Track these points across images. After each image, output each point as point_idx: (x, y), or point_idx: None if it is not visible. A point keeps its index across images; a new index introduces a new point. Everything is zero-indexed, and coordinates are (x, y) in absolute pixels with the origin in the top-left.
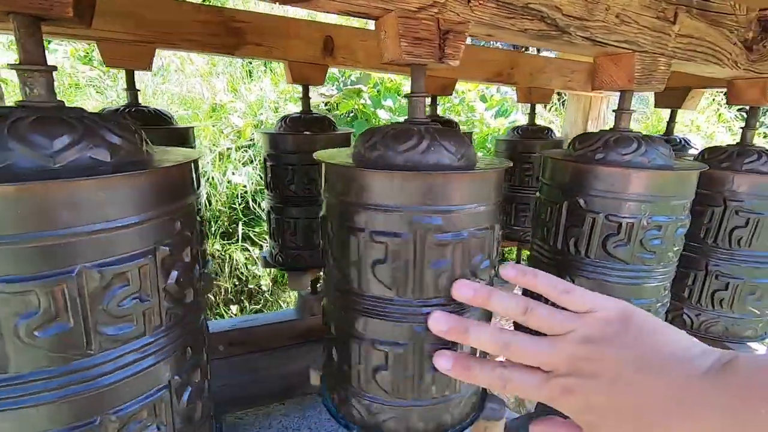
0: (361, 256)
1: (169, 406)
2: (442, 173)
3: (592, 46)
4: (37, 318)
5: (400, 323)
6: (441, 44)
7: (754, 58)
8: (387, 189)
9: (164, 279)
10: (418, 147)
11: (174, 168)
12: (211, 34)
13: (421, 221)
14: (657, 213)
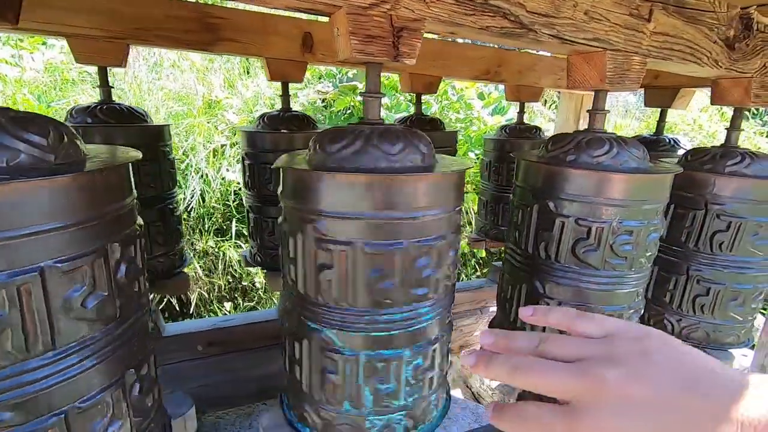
0: (308, 262)
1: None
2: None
3: (560, 44)
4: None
5: (348, 331)
6: (395, 42)
7: (736, 57)
8: (331, 194)
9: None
10: (353, 146)
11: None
12: (186, 30)
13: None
14: (628, 218)
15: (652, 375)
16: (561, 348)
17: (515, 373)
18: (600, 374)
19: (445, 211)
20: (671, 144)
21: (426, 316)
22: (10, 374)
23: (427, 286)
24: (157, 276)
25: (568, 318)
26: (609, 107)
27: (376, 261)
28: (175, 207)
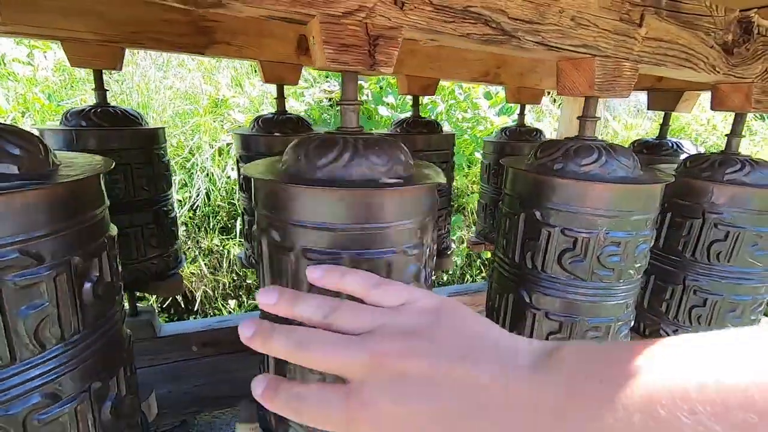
0: (288, 274)
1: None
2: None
3: (546, 51)
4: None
5: None
6: (371, 51)
7: (735, 62)
8: (305, 204)
9: (78, 289)
10: (340, 160)
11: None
12: (180, 33)
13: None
14: (615, 228)
15: (432, 347)
16: (352, 318)
17: (298, 350)
18: (380, 347)
19: (411, 223)
20: (674, 148)
21: None
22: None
23: None
24: (151, 277)
25: (365, 285)
26: (620, 107)
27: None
28: (170, 209)
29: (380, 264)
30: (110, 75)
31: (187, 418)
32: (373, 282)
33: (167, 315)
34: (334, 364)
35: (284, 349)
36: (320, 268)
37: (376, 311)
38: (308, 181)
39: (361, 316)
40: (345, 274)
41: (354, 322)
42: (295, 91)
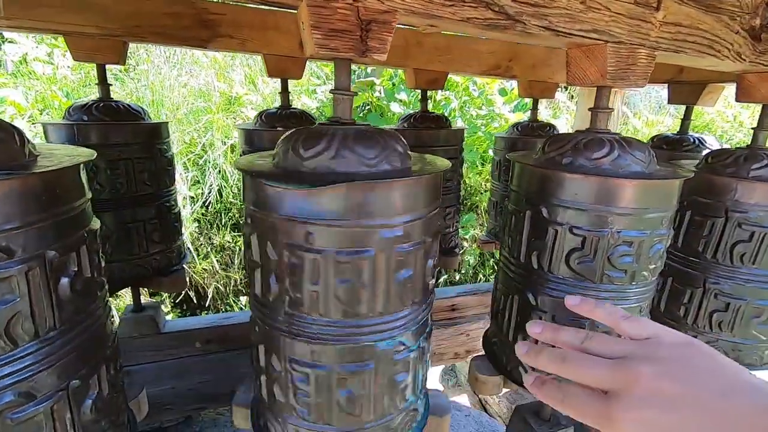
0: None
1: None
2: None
3: (554, 36)
4: None
5: (318, 343)
6: (363, 36)
7: (762, 49)
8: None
9: (54, 284)
10: (329, 150)
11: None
12: (183, 27)
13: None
14: (628, 227)
15: (687, 375)
16: (604, 345)
17: (563, 364)
18: (637, 369)
19: (416, 217)
20: (696, 144)
21: (398, 328)
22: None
23: (396, 295)
24: (153, 273)
25: (614, 316)
26: (641, 102)
27: (346, 270)
28: (173, 205)
29: (369, 260)
30: (126, 72)
31: (191, 414)
32: (621, 315)
33: (180, 310)
34: (592, 377)
35: (551, 363)
36: (578, 298)
37: (626, 342)
38: (286, 176)
39: (613, 344)
40: (597, 305)
41: (607, 349)
42: (308, 88)
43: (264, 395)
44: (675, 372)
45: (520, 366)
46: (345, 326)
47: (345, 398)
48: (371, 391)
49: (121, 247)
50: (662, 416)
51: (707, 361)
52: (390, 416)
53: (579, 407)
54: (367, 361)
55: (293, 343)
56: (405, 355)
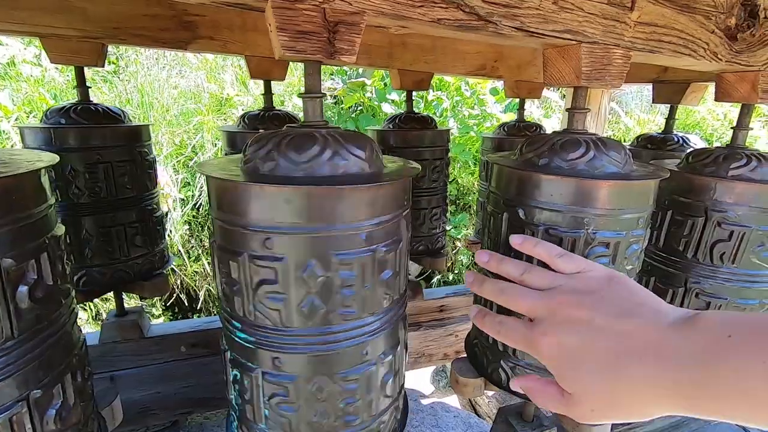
0: (244, 281)
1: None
2: (326, 188)
3: (527, 37)
4: None
5: (286, 353)
6: (330, 38)
7: (739, 49)
8: (261, 206)
9: (11, 292)
10: (322, 156)
11: None
12: (162, 28)
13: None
14: (603, 228)
15: (597, 303)
16: (539, 278)
17: (501, 294)
18: (558, 298)
19: (384, 221)
20: (681, 143)
21: (370, 335)
22: None
23: (362, 302)
24: (135, 277)
25: (551, 254)
26: (632, 102)
27: (306, 277)
28: (155, 208)
29: (329, 268)
30: (116, 74)
31: (178, 419)
32: (557, 252)
33: (171, 314)
34: (523, 307)
35: (491, 293)
36: (520, 237)
37: (557, 275)
38: (255, 178)
39: (546, 277)
40: (538, 244)
41: (540, 281)
42: (299, 89)
43: (234, 404)
44: (588, 300)
45: (500, 368)
46: (308, 335)
47: (312, 407)
48: (337, 400)
49: (102, 251)
50: (571, 339)
51: (620, 291)
52: (362, 426)
53: (510, 334)
54: (332, 370)
55: (257, 351)
56: (370, 366)
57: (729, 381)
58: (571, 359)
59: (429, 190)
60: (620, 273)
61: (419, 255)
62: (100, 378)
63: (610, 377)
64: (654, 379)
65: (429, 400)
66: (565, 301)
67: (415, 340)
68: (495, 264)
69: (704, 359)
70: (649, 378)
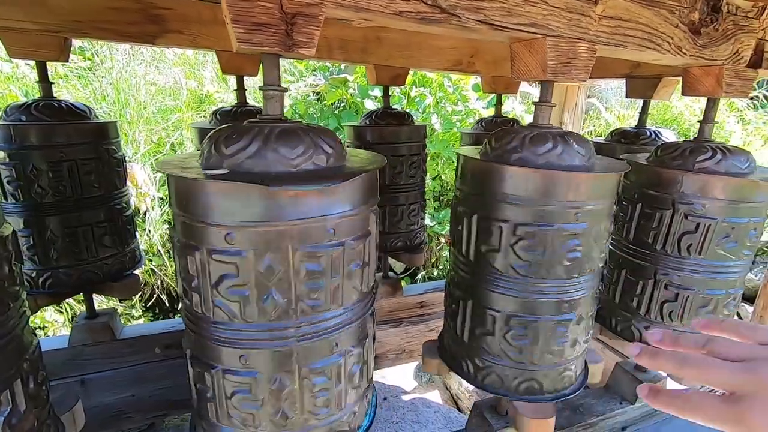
0: (202, 277)
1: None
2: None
3: (492, 30)
4: None
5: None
6: (288, 30)
7: (703, 43)
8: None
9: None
10: (249, 149)
11: None
12: (128, 22)
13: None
14: (566, 221)
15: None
16: (728, 348)
17: (684, 365)
18: (766, 371)
19: (347, 215)
20: (653, 137)
21: (334, 329)
22: None
23: (327, 295)
24: (104, 278)
25: (741, 328)
26: (612, 98)
27: (267, 272)
28: (125, 207)
29: (292, 261)
30: (91, 71)
31: (154, 421)
32: (748, 326)
33: (152, 315)
34: (719, 379)
35: (672, 364)
36: (703, 320)
37: (753, 346)
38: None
39: (737, 346)
40: (722, 323)
41: (732, 351)
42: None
43: (197, 403)
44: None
45: (467, 360)
46: (271, 329)
47: (276, 405)
48: (303, 397)
49: (69, 252)
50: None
51: None
52: (325, 422)
53: (705, 411)
54: (296, 365)
55: (217, 348)
56: (336, 359)
57: None
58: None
59: (407, 186)
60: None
61: (397, 251)
62: (71, 382)
63: None
64: None
65: (410, 396)
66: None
67: (396, 336)
68: (670, 342)
69: None
70: None
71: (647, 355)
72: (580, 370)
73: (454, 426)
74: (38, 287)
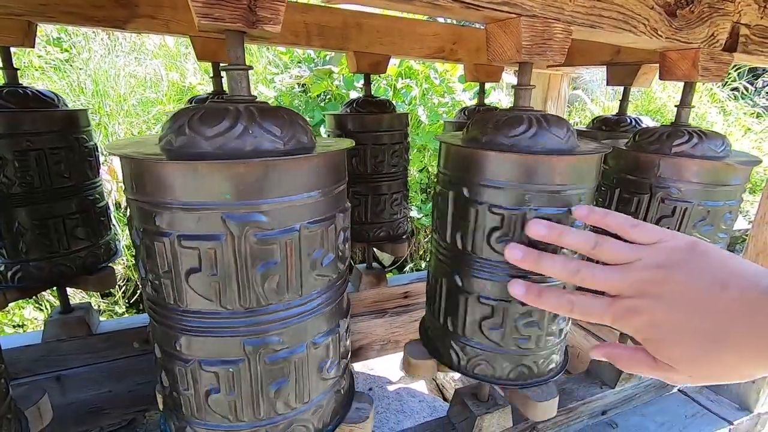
0: (173, 266)
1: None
2: (259, 161)
3: (464, 9)
4: None
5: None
6: (251, 5)
7: (678, 26)
8: (191, 183)
9: None
10: (232, 131)
11: None
12: (96, 5)
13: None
14: (545, 204)
15: (689, 275)
16: (614, 252)
17: (575, 276)
18: (645, 273)
19: (331, 191)
20: (633, 124)
21: (305, 314)
22: None
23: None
24: (78, 271)
25: (624, 226)
26: (597, 89)
27: (264, 253)
28: (98, 198)
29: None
30: (68, 63)
31: (135, 417)
32: (631, 222)
33: (136, 310)
34: (605, 284)
35: (562, 273)
36: (585, 207)
37: (635, 246)
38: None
39: (622, 250)
40: (608, 214)
41: (616, 255)
42: (265, 77)
43: (168, 398)
44: (679, 274)
45: (451, 349)
46: (239, 317)
47: (213, 396)
48: (241, 392)
49: (39, 244)
50: (668, 315)
51: (709, 260)
52: (266, 422)
53: (589, 312)
54: (234, 357)
55: (181, 337)
56: (283, 355)
57: None
58: (670, 334)
59: (389, 175)
60: (701, 240)
61: (381, 241)
62: (46, 379)
63: (716, 349)
64: (765, 345)
65: (396, 386)
66: (653, 276)
67: (381, 327)
68: (556, 236)
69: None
70: (759, 345)
71: (531, 260)
72: (563, 355)
73: (439, 415)
74: (7, 281)
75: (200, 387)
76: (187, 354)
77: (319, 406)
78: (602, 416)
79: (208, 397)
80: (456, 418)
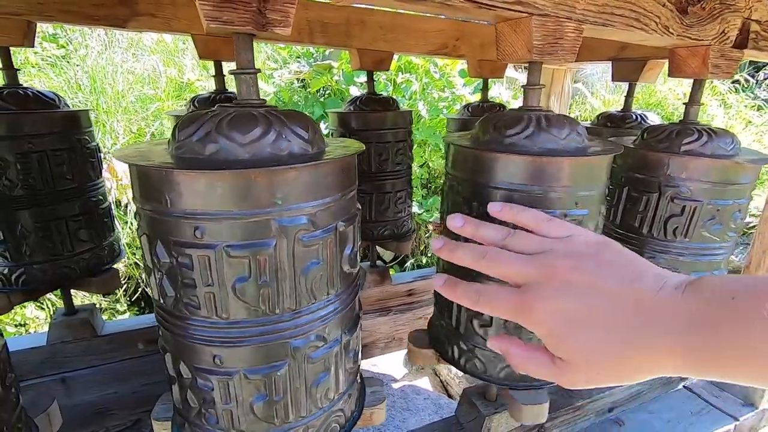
0: (217, 278)
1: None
2: (307, 165)
3: (477, 9)
4: None
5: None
6: (260, 7)
7: (690, 23)
8: (242, 192)
9: None
10: (266, 137)
11: None
12: (96, 4)
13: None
14: (557, 207)
15: (597, 268)
16: (525, 243)
17: (482, 260)
18: (552, 263)
19: (322, 205)
20: (639, 121)
21: (339, 309)
22: None
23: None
24: (81, 273)
25: (537, 220)
26: (598, 83)
27: (243, 265)
28: (101, 199)
29: (268, 253)
30: (66, 59)
31: (140, 417)
32: (543, 217)
33: (137, 309)
34: (510, 272)
35: (470, 258)
36: (499, 204)
37: (545, 239)
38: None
39: (533, 241)
40: (522, 210)
41: (527, 246)
42: (264, 73)
43: (179, 406)
44: (586, 265)
45: (455, 346)
46: (251, 326)
47: (258, 403)
48: (287, 394)
49: (42, 247)
50: (573, 304)
51: (617, 256)
52: (309, 418)
53: (494, 302)
54: (279, 361)
55: (195, 347)
56: (324, 351)
57: (738, 342)
58: (570, 327)
59: (393, 173)
60: (610, 239)
61: (385, 239)
62: (51, 381)
63: (616, 345)
64: (663, 345)
65: (400, 384)
66: (562, 265)
67: (385, 324)
68: (471, 229)
69: (713, 322)
70: (659, 344)
71: (447, 249)
72: None
73: (444, 412)
74: (11, 284)
75: (244, 397)
76: (230, 366)
77: (349, 395)
78: (609, 413)
79: (252, 406)
80: (464, 417)
